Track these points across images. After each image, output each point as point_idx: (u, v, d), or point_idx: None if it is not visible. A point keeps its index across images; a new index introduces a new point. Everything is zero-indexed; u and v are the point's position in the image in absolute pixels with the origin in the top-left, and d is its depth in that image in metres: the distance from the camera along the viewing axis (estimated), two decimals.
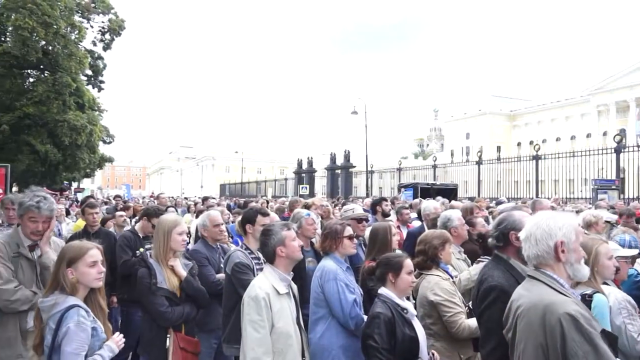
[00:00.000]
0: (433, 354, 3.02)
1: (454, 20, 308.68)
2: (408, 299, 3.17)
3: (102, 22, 30.08)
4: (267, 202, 13.30)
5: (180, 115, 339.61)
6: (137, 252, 4.91)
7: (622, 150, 13.98)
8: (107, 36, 30.41)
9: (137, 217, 7.26)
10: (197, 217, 8.91)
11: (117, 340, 2.57)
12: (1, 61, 25.82)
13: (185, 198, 25.31)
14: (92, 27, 29.99)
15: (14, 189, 25.08)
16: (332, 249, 3.60)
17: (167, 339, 3.46)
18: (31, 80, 30.25)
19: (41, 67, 27.99)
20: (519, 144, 72.18)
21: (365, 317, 3.29)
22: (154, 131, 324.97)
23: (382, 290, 2.97)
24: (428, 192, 13.52)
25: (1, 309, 2.93)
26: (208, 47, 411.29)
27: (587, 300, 2.64)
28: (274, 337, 2.81)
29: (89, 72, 32.06)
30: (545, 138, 66.58)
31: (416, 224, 6.74)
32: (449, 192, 13.85)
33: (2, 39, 28.15)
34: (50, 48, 26.01)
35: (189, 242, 6.76)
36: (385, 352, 2.69)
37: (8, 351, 2.96)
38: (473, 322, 3.23)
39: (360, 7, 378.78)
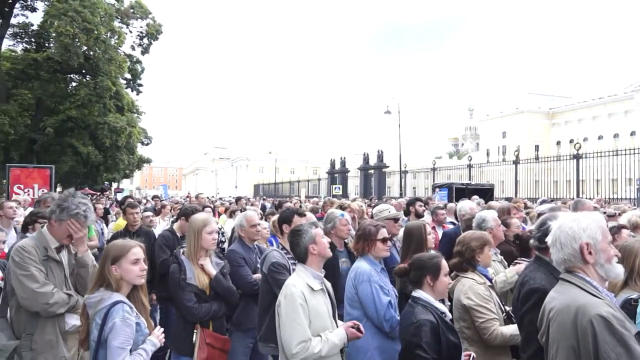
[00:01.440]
0: (471, 356, 2.87)
1: (490, 18, 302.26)
2: (443, 301, 3.10)
3: (141, 26, 30.96)
4: (300, 203, 13.35)
5: (215, 116, 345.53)
6: (175, 251, 5.02)
7: None
8: (145, 40, 31.24)
9: (174, 217, 7.42)
10: (230, 217, 9.07)
11: (158, 335, 2.65)
12: (45, 66, 26.92)
13: (220, 198, 25.73)
14: (130, 32, 30.91)
15: (58, 189, 26.05)
16: (365, 251, 3.56)
17: (195, 334, 3.54)
18: (74, 84, 31.42)
19: (83, 71, 29.03)
20: (558, 143, 70.02)
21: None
22: (190, 132, 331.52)
23: (420, 294, 2.81)
24: (463, 192, 13.26)
25: (39, 313, 2.90)
26: (242, 47, 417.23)
27: (632, 304, 2.56)
28: (312, 334, 2.78)
29: (128, 75, 33.05)
30: (586, 136, 64.37)
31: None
32: (485, 193, 13.55)
33: (46, 45, 29.32)
34: (91, 53, 26.93)
35: (224, 242, 6.91)
36: None
37: (49, 355, 2.93)
38: (508, 329, 3.15)
39: (394, 6, 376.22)
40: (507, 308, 3.40)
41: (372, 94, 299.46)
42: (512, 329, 3.10)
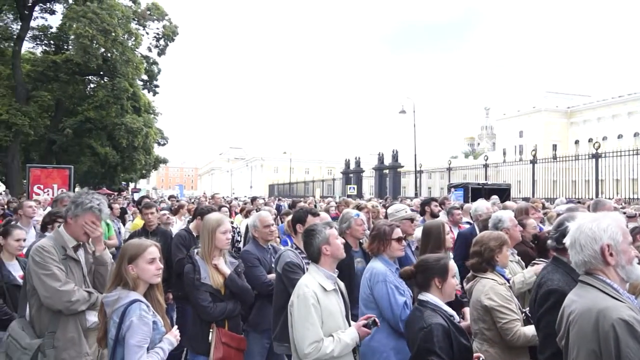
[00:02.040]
0: (480, 358, 2.81)
1: (506, 17, 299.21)
2: (452, 304, 3.03)
3: (157, 28, 31.33)
4: (315, 203, 13.36)
5: (230, 116, 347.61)
6: (189, 251, 5.06)
7: None
8: (162, 42, 31.60)
9: (191, 217, 7.48)
10: (245, 216, 9.11)
11: (175, 334, 2.68)
12: (64, 68, 27.38)
13: (236, 198, 25.88)
14: (147, 33, 31.32)
15: (76, 189, 26.47)
16: (380, 251, 3.54)
17: (210, 333, 3.56)
18: (92, 86, 31.91)
19: (101, 73, 29.46)
20: (576, 142, 68.90)
21: None
22: (206, 133, 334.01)
23: (428, 297, 2.74)
24: (479, 192, 13.16)
25: (62, 311, 2.94)
26: (256, 47, 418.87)
27: None
28: (324, 334, 2.77)
29: (145, 77, 33.42)
30: (605, 135, 63.19)
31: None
32: (502, 193, 13.42)
33: (65, 47, 29.82)
34: (109, 55, 27.31)
35: (240, 241, 6.96)
36: None
37: (73, 351, 2.98)
38: (529, 330, 3.10)
39: (410, 5, 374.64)
40: (524, 309, 3.36)
41: (387, 93, 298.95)
42: (534, 329, 3.06)
